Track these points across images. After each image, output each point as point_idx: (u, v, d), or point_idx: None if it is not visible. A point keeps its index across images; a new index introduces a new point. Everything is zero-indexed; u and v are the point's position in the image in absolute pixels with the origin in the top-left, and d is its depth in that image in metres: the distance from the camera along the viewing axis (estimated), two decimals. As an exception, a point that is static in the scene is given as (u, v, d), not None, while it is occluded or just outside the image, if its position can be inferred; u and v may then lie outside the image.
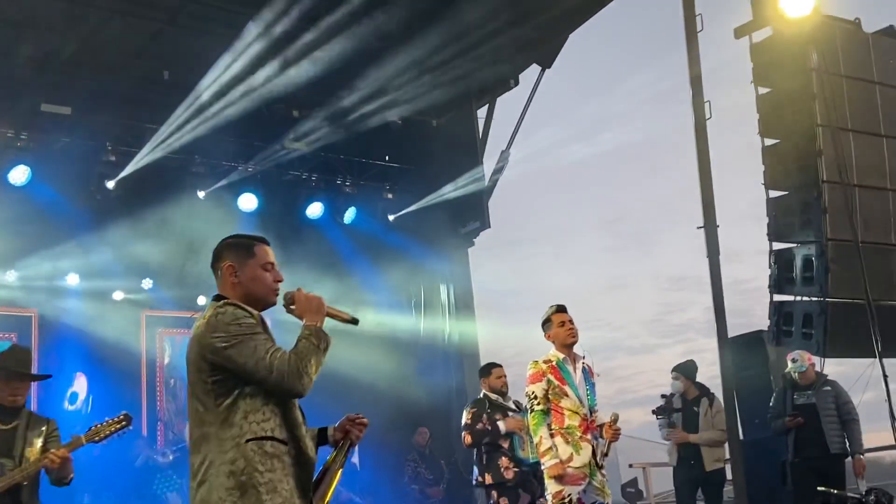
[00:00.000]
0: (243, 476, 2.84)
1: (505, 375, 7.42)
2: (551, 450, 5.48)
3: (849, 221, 7.82)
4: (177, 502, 9.59)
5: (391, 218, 11.73)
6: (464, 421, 7.29)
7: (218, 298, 3.14)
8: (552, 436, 5.53)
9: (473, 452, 7.31)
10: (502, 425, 7.10)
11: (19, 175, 9.17)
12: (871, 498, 5.66)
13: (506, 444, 7.03)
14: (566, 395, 5.58)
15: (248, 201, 10.45)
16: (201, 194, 10.20)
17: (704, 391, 8.01)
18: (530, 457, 6.79)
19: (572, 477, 5.47)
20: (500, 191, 11.66)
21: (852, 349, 7.96)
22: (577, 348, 5.77)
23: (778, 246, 8.60)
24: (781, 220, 8.47)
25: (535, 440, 5.62)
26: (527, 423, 5.88)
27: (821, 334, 7.95)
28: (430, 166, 11.66)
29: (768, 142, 8.48)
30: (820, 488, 6.29)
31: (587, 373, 5.72)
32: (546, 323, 5.75)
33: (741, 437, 7.90)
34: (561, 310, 5.73)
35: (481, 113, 11.76)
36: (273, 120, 10.36)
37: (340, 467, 3.21)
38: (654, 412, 8.00)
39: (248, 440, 2.89)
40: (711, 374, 7.72)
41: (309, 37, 8.94)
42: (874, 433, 8.59)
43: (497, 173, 11.46)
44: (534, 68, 11.09)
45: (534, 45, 10.71)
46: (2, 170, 9.13)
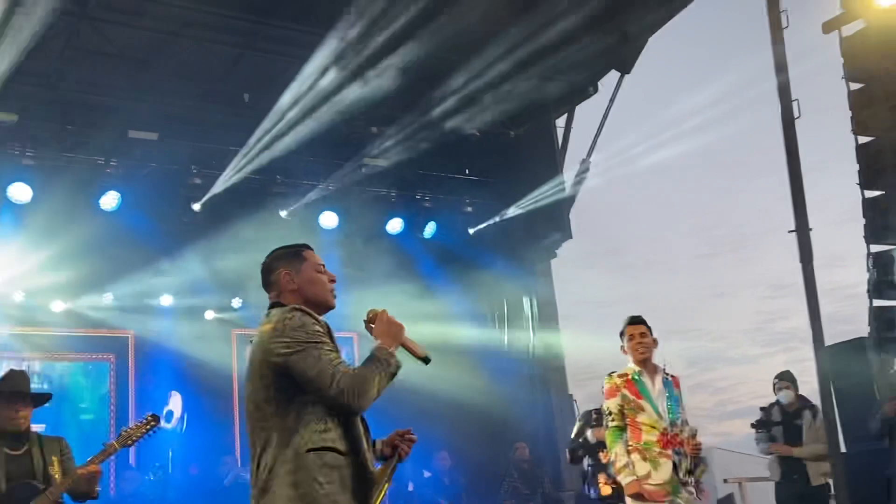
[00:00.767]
0: (303, 487, 2.81)
1: None
2: (627, 467, 5.30)
3: (952, 220, 7.39)
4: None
5: (471, 231, 11.67)
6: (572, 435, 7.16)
7: (275, 306, 3.14)
8: (629, 452, 5.35)
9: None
10: (591, 435, 6.93)
11: (110, 200, 9.47)
12: None
13: (605, 459, 6.84)
14: (642, 409, 5.38)
15: (329, 219, 10.55)
16: (283, 213, 10.35)
17: (806, 403, 7.70)
18: None
19: (652, 494, 5.27)
20: (582, 201, 11.49)
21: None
22: (658, 359, 5.57)
23: (876, 248, 8.17)
24: (878, 220, 8.03)
25: (611, 457, 5.44)
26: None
27: (925, 340, 7.51)
28: (509, 178, 11.56)
29: (862, 140, 8.10)
30: None
31: (670, 384, 5.48)
32: (621, 335, 5.57)
33: (843, 449, 7.52)
34: (634, 321, 5.53)
35: (560, 122, 11.62)
36: (351, 137, 10.45)
37: (388, 483, 3.11)
38: (753, 425, 7.70)
39: (308, 450, 2.85)
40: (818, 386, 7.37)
41: (384, 52, 8.98)
42: None
43: (578, 183, 11.27)
44: (613, 74, 10.90)
45: (612, 50, 10.52)
46: (93, 196, 9.45)
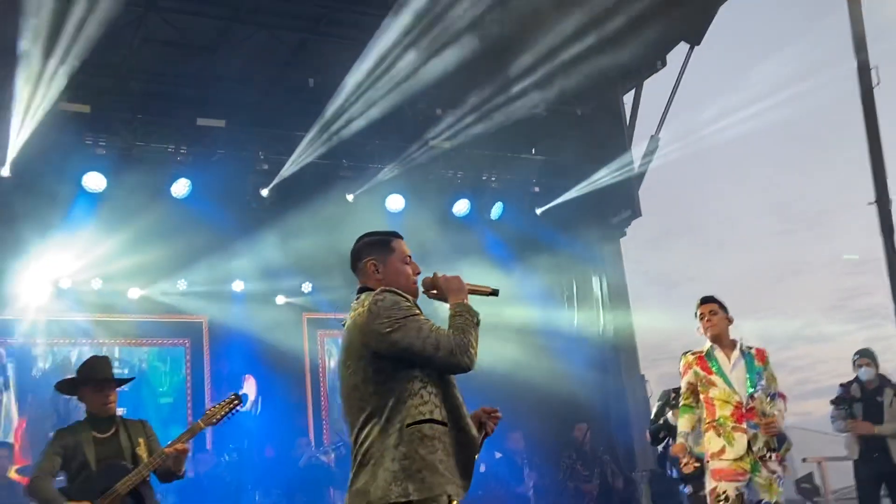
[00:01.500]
0: (406, 460, 2.90)
1: None
2: (682, 435, 5.34)
3: None
4: (339, 499, 9.83)
5: (538, 211, 11.56)
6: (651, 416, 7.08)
7: (364, 290, 3.23)
8: (705, 430, 5.29)
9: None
10: (671, 416, 6.82)
11: (181, 188, 9.63)
12: None
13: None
14: (714, 384, 5.31)
15: (396, 202, 10.56)
16: (350, 197, 10.40)
17: (887, 381, 7.49)
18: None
19: (726, 472, 5.15)
20: (651, 178, 11.28)
21: None
22: (734, 335, 5.46)
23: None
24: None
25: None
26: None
27: None
28: (576, 157, 11.41)
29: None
30: None
31: (751, 358, 5.35)
32: (695, 316, 5.55)
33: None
34: (704, 301, 5.50)
35: (628, 98, 11.42)
36: (416, 119, 10.43)
37: (476, 452, 3.19)
38: (832, 402, 7.49)
39: (408, 424, 2.95)
40: (900, 363, 7.16)
41: (446, 32, 8.93)
42: None
43: (647, 160, 11.06)
44: (682, 47, 10.64)
45: (681, 22, 10.27)
46: (165, 183, 9.61)
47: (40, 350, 10.05)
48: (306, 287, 11.29)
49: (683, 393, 5.41)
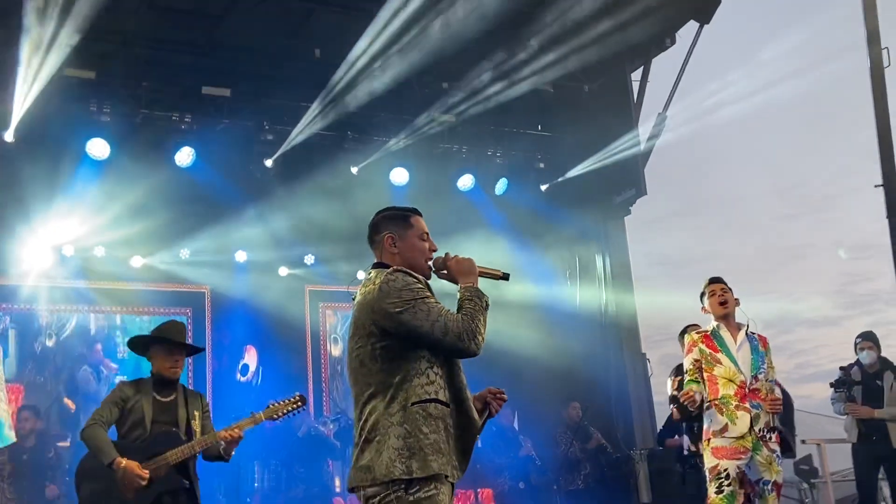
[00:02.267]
0: (410, 438, 2.94)
1: None
2: (690, 386, 5.31)
3: None
4: (338, 470, 9.87)
5: (543, 188, 11.53)
6: (669, 392, 7.00)
7: (378, 266, 3.23)
8: (707, 408, 5.30)
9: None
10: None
11: (185, 157, 9.60)
12: None
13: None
14: (719, 362, 5.33)
15: (400, 175, 10.52)
16: (354, 170, 10.37)
17: (888, 364, 7.49)
18: None
19: (728, 450, 5.17)
20: (657, 157, 11.20)
21: None
22: (741, 317, 5.50)
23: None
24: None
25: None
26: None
27: None
28: (582, 133, 11.34)
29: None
30: None
31: (755, 341, 5.41)
32: (702, 296, 5.58)
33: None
34: (714, 281, 5.55)
35: (635, 76, 11.31)
36: (422, 93, 10.37)
37: (477, 434, 3.22)
38: (832, 385, 7.50)
39: (413, 403, 2.98)
40: (902, 348, 7.16)
41: (454, 5, 8.85)
42: None
43: (653, 138, 10.99)
44: (691, 25, 10.52)
45: (690, 0, 10.17)
46: (168, 151, 9.59)
47: (43, 316, 10.08)
48: (309, 259, 11.30)
49: (689, 370, 5.42)
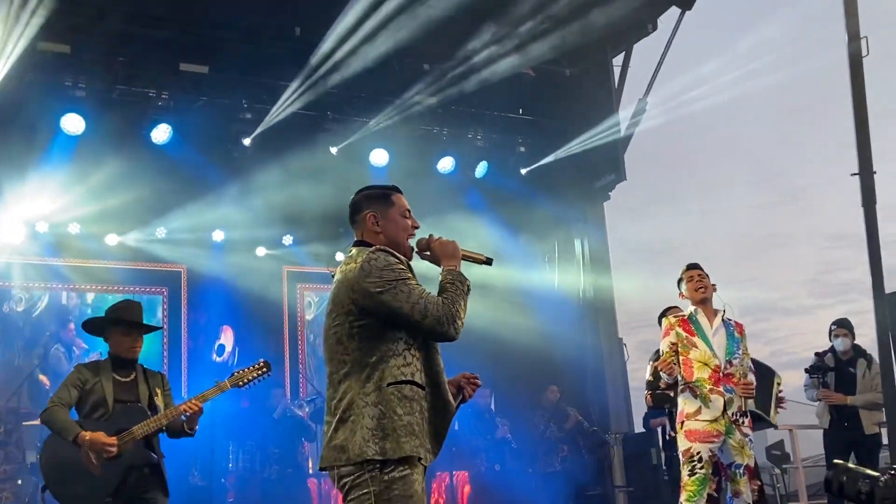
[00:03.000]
0: (384, 419, 2.93)
1: None
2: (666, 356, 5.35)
3: None
4: (313, 451, 9.86)
5: (523, 172, 11.49)
6: (647, 376, 7.00)
7: (359, 244, 3.22)
8: (681, 391, 5.36)
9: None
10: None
11: (161, 134, 9.47)
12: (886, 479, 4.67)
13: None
14: (695, 346, 5.39)
15: (380, 156, 10.46)
16: (334, 150, 10.29)
17: (861, 352, 7.56)
18: None
19: (701, 433, 5.21)
20: (637, 143, 11.20)
21: None
22: (717, 303, 5.58)
23: (944, 192, 7.84)
24: (949, 163, 7.70)
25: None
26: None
27: None
28: (563, 118, 11.33)
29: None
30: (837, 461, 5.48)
31: (731, 327, 5.48)
32: (679, 282, 5.65)
33: (900, 399, 7.33)
34: (691, 267, 5.64)
35: (617, 61, 11.29)
36: (403, 74, 10.28)
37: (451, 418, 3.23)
38: (807, 370, 7.56)
39: (388, 384, 2.97)
40: (875, 336, 7.20)
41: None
42: None
43: (634, 123, 10.99)
44: (673, 11, 10.51)
45: (673, -15, 10.16)
46: (145, 128, 9.47)
47: (15, 293, 9.96)
48: (287, 239, 11.25)
49: (666, 352, 5.48)
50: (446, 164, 10.95)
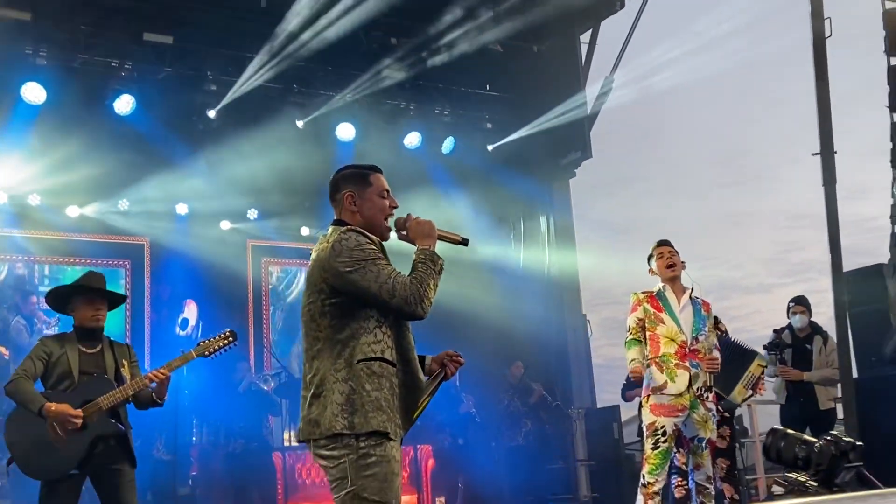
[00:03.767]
0: (353, 394, 3.00)
1: None
2: (634, 361, 5.40)
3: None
4: (278, 425, 9.87)
5: (490, 148, 11.50)
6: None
7: (337, 223, 3.26)
8: (647, 365, 5.42)
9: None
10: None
11: (124, 105, 9.31)
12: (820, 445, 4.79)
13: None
14: (662, 321, 5.45)
15: (346, 131, 10.40)
16: (300, 124, 10.21)
17: (816, 328, 7.70)
18: None
19: (666, 407, 5.30)
20: (603, 121, 11.27)
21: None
22: (686, 281, 5.65)
23: (902, 173, 7.99)
24: (906, 145, 7.84)
25: (628, 356, 5.51)
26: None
27: (946, 268, 7.42)
28: (530, 94, 11.34)
29: (894, 61, 7.85)
30: (775, 427, 5.63)
31: (698, 305, 5.55)
32: (649, 258, 5.69)
33: (855, 375, 7.51)
34: (663, 243, 5.68)
35: (585, 38, 11.32)
36: (370, 48, 10.22)
37: (430, 396, 3.29)
38: (765, 347, 7.69)
39: (358, 360, 3.04)
40: (833, 314, 7.35)
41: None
42: None
43: (601, 101, 11.04)
44: (641, -12, 10.55)
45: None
46: (107, 98, 9.31)
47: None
48: (252, 213, 11.17)
49: (633, 328, 5.52)
50: (413, 139, 10.91)
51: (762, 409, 9.07)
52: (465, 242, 3.38)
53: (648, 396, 5.39)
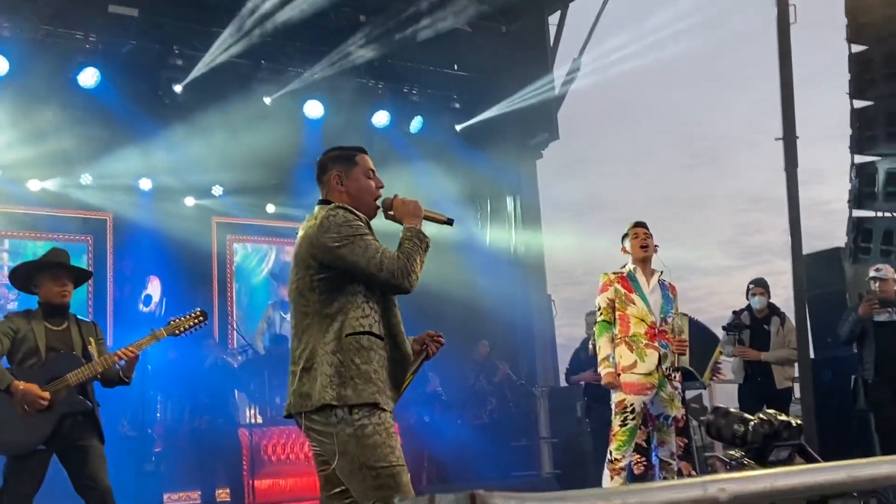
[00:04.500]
0: (342, 367, 3.08)
1: None
2: (607, 359, 5.51)
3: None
4: (244, 402, 9.86)
5: (458, 128, 11.53)
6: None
7: (323, 203, 3.35)
8: (617, 344, 5.52)
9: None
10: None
11: (88, 78, 9.18)
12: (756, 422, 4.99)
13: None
14: (633, 302, 5.56)
15: (314, 108, 10.35)
16: (267, 100, 10.13)
17: (774, 309, 7.84)
18: None
19: (635, 386, 5.41)
20: (571, 102, 11.35)
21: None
22: (656, 264, 5.76)
23: (860, 159, 8.19)
24: (865, 131, 8.03)
25: (597, 349, 5.59)
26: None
27: (902, 252, 7.62)
28: (498, 75, 11.37)
29: (855, 48, 8.01)
30: (717, 405, 5.83)
31: (666, 288, 5.67)
32: (624, 237, 5.80)
33: (812, 355, 7.70)
34: (638, 225, 5.78)
35: (553, 19, 11.37)
36: (339, 25, 10.16)
37: (412, 376, 3.39)
38: (724, 328, 7.84)
39: (347, 334, 3.11)
40: (789, 296, 7.51)
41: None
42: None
43: (568, 82, 11.11)
44: (610, -29, 10.60)
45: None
46: (71, 71, 9.16)
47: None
48: (217, 190, 11.09)
49: (603, 309, 5.61)
50: (381, 118, 10.89)
51: (721, 388, 9.26)
52: (450, 222, 3.48)
53: (619, 375, 5.48)
